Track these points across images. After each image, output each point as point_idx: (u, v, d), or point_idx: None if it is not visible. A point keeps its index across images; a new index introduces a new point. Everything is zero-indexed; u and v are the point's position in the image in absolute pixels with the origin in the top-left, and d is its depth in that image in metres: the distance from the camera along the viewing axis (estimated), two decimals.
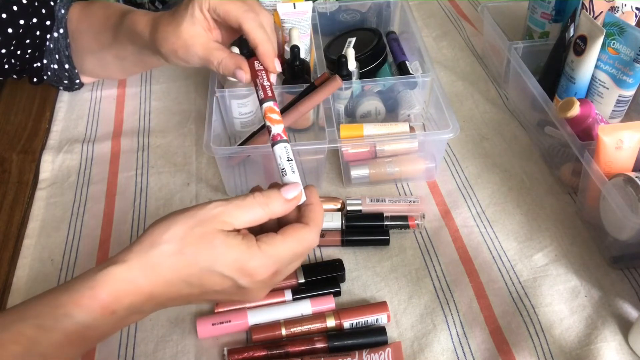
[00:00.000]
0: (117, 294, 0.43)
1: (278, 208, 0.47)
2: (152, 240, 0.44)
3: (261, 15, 0.57)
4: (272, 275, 0.47)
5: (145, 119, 0.83)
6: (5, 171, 0.75)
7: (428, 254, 0.66)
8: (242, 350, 0.55)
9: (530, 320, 0.59)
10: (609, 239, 0.63)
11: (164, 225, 0.45)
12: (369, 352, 0.55)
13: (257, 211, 0.46)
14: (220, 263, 0.44)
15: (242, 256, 0.45)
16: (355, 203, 0.69)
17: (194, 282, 0.45)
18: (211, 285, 0.46)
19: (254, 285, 0.46)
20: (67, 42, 0.75)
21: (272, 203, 0.47)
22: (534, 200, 0.71)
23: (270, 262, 0.46)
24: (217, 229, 0.45)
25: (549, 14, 0.84)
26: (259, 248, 0.45)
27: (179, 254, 0.44)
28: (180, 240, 0.44)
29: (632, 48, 0.67)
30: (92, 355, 0.57)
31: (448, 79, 0.90)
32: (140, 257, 0.44)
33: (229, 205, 0.46)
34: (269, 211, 0.47)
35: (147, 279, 0.44)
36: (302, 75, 0.77)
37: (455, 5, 1.07)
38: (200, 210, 0.45)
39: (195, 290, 0.46)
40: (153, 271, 0.44)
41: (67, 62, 0.76)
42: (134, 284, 0.43)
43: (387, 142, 0.72)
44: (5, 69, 0.71)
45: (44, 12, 0.72)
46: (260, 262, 0.45)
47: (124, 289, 0.43)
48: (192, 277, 0.45)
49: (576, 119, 0.65)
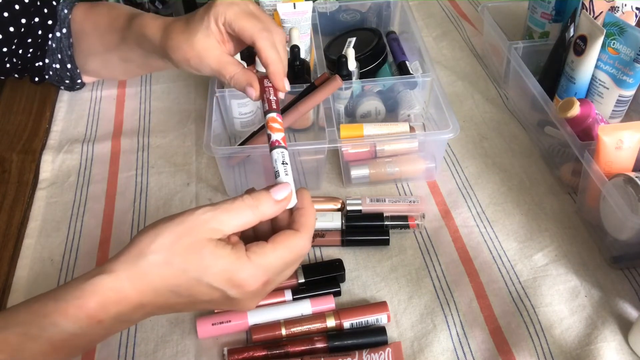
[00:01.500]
0: (105, 304, 0.43)
1: (268, 210, 0.46)
2: (140, 250, 0.43)
3: (275, 34, 0.57)
4: (262, 285, 0.46)
5: (145, 119, 0.83)
6: (5, 171, 0.75)
7: (428, 254, 0.66)
8: (242, 350, 0.55)
9: (530, 320, 0.59)
10: (609, 239, 0.63)
11: (152, 234, 0.44)
12: (369, 352, 0.55)
13: (246, 214, 0.45)
14: (208, 274, 0.43)
15: (231, 267, 0.44)
16: (355, 203, 0.69)
17: (182, 293, 0.44)
18: (200, 295, 0.45)
19: (244, 295, 0.45)
20: (69, 42, 0.74)
21: (262, 205, 0.46)
22: (534, 200, 0.71)
23: (261, 273, 0.45)
24: (206, 237, 0.44)
25: (549, 14, 0.84)
26: (248, 258, 0.44)
27: (166, 265, 0.43)
28: (168, 250, 0.43)
29: (632, 48, 0.67)
30: (92, 356, 0.57)
31: (448, 79, 0.90)
32: (128, 267, 0.43)
33: (217, 210, 0.45)
34: (258, 213, 0.46)
35: (135, 289, 0.43)
36: (302, 75, 0.77)
37: (455, 5, 1.07)
38: (188, 217, 0.44)
39: (183, 299, 0.45)
40: (141, 281, 0.43)
41: (70, 61, 0.76)
42: (121, 293, 0.43)
43: (387, 142, 0.72)
44: (6, 67, 0.71)
45: (46, 12, 0.72)
46: (250, 272, 0.44)
47: (112, 299, 0.43)
48: (180, 288, 0.44)
49: (576, 119, 0.65)
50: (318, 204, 0.70)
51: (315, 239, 0.65)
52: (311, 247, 0.65)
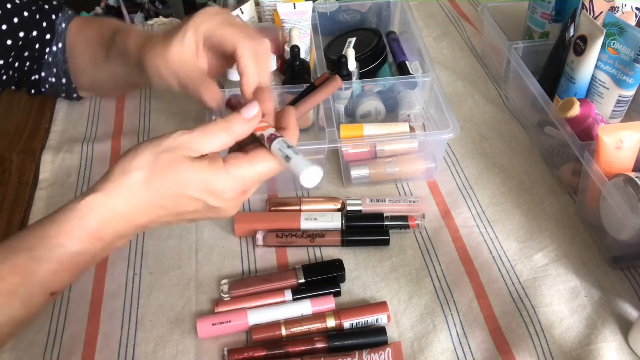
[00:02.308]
0: (103, 221, 0.46)
1: (240, 129, 0.48)
2: (122, 168, 0.46)
3: (259, 43, 0.54)
4: (240, 194, 0.49)
5: (145, 119, 0.83)
6: (5, 171, 0.75)
7: (428, 254, 0.66)
8: (242, 350, 0.55)
9: (530, 320, 0.59)
10: (609, 239, 0.63)
11: (132, 153, 0.47)
12: (369, 352, 0.55)
13: (221, 135, 0.48)
14: (188, 187, 0.46)
15: (209, 177, 0.46)
16: (355, 203, 0.69)
17: (168, 206, 0.47)
18: (184, 207, 0.48)
19: (223, 203, 0.48)
20: (64, 57, 0.74)
21: (234, 125, 0.48)
22: (534, 200, 0.71)
23: (238, 183, 0.48)
24: (184, 155, 0.46)
25: (549, 14, 0.84)
26: (225, 169, 0.47)
27: (148, 182, 0.46)
28: (149, 168, 0.46)
29: (632, 48, 0.67)
30: (92, 356, 0.57)
31: (448, 79, 0.90)
32: (114, 185, 0.46)
33: (193, 133, 0.47)
34: (232, 134, 0.48)
35: (127, 204, 0.46)
36: (302, 75, 0.77)
37: (455, 5, 1.07)
38: (166, 138, 0.47)
39: (171, 212, 0.48)
40: (128, 197, 0.46)
41: (65, 76, 0.76)
42: (115, 210, 0.46)
43: (387, 142, 0.72)
44: (2, 80, 0.71)
45: (45, 26, 0.71)
46: (227, 182, 0.47)
47: (108, 216, 0.46)
48: (165, 202, 0.47)
49: (576, 119, 0.65)
50: (318, 204, 0.70)
51: (315, 239, 0.65)
52: (311, 247, 0.66)
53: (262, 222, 0.67)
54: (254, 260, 0.65)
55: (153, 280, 0.63)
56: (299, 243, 0.65)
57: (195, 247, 0.66)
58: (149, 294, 0.62)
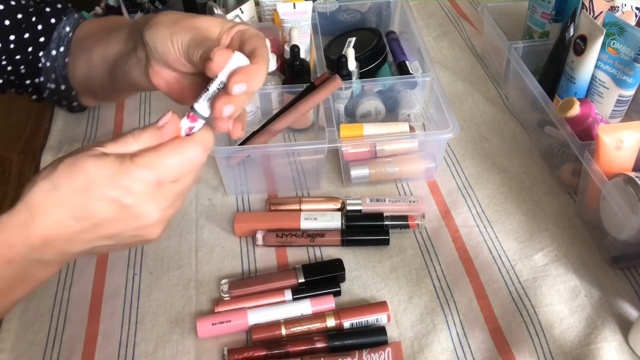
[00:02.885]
0: (9, 242, 0.43)
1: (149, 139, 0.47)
2: (31, 182, 0.44)
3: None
4: (156, 187, 0.46)
5: (145, 119, 0.83)
6: (5, 171, 0.75)
7: (428, 254, 0.66)
8: (242, 350, 0.55)
9: (530, 320, 0.59)
10: (609, 239, 0.63)
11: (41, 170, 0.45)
12: (369, 352, 0.55)
13: (127, 139, 0.46)
14: (96, 185, 0.44)
15: (116, 171, 0.44)
16: (355, 203, 0.69)
17: (81, 215, 0.44)
18: (99, 212, 0.45)
19: (139, 200, 0.45)
20: (65, 62, 0.71)
21: (145, 132, 0.47)
22: (534, 200, 0.71)
23: (148, 173, 0.45)
24: (87, 154, 0.45)
25: (549, 14, 0.84)
26: (131, 161, 0.45)
27: (55, 188, 0.44)
28: (53, 174, 0.44)
29: (632, 48, 0.67)
30: (92, 355, 0.57)
31: (448, 79, 0.90)
32: (24, 200, 0.43)
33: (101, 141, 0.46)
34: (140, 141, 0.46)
35: (36, 221, 0.43)
36: (302, 75, 0.77)
37: (455, 5, 1.07)
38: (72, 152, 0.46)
39: (87, 224, 0.45)
40: (39, 211, 0.43)
41: (64, 82, 0.72)
42: (24, 228, 0.43)
43: (387, 142, 0.72)
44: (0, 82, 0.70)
45: (40, 29, 0.69)
46: (136, 174, 0.44)
47: (16, 235, 0.43)
48: (77, 210, 0.44)
49: (576, 118, 0.65)
50: (318, 203, 0.70)
51: (315, 239, 0.65)
52: (311, 247, 0.66)
53: (262, 221, 0.67)
54: (254, 260, 0.65)
55: (153, 280, 0.63)
56: (299, 243, 0.65)
57: (195, 247, 0.66)
58: (149, 293, 0.62)
